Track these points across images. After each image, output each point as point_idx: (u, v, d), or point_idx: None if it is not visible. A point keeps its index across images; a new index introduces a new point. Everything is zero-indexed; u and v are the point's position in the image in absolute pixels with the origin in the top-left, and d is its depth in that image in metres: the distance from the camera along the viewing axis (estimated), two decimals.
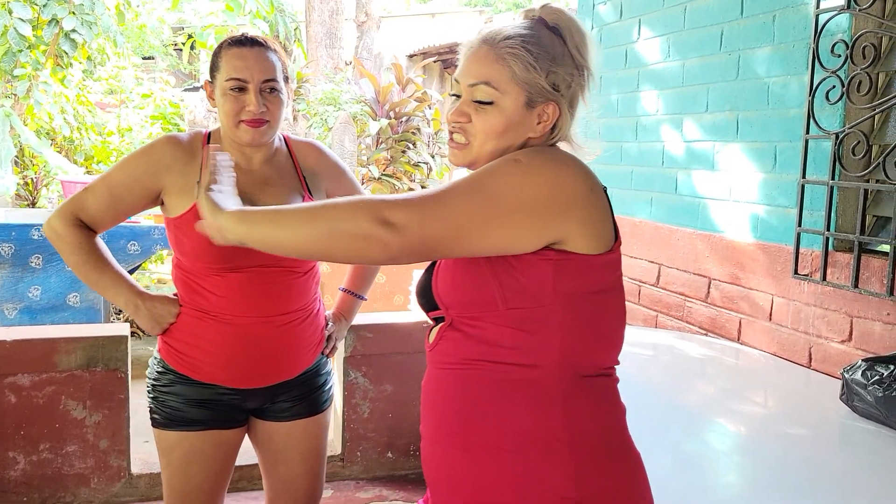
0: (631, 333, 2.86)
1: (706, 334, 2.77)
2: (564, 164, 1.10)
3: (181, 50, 11.42)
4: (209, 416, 1.72)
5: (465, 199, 1.03)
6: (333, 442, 3.22)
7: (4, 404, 2.73)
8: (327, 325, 1.89)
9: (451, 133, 1.17)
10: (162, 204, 1.71)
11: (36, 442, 2.79)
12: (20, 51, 4.56)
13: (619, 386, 1.21)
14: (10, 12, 4.52)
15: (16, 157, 5.04)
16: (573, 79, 1.14)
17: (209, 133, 1.75)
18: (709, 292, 2.77)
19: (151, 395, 1.76)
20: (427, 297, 1.19)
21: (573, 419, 1.09)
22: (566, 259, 1.08)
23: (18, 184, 4.68)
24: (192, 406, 1.71)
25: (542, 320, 1.08)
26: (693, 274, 2.85)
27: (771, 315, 2.48)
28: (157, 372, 1.76)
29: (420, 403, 1.23)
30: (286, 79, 1.70)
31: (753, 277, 2.55)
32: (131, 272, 4.25)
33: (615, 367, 1.19)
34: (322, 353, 1.87)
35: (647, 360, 2.61)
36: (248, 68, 1.62)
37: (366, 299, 2.03)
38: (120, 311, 5.50)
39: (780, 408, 2.13)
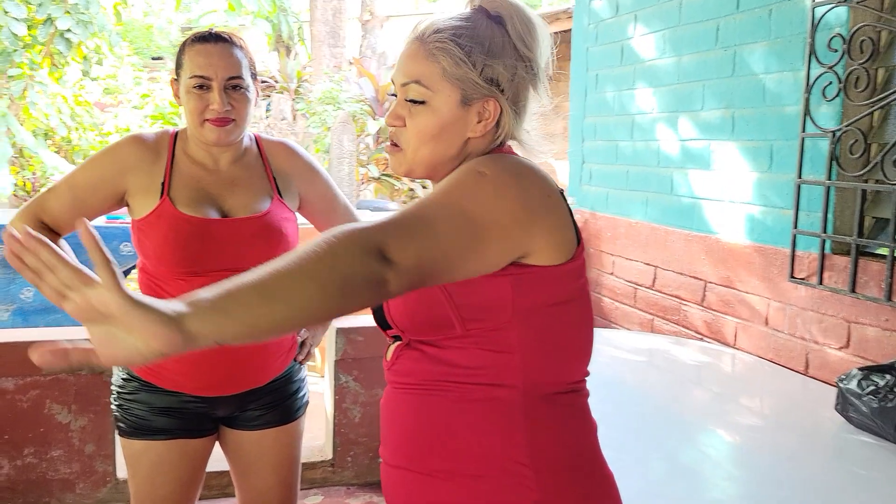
0: (626, 338, 2.84)
1: (702, 339, 2.71)
2: (526, 173, 1.02)
3: None
4: (175, 425, 1.66)
5: (448, 225, 0.92)
6: (324, 447, 3.17)
7: None
8: (300, 330, 1.83)
9: (389, 139, 1.10)
10: (127, 205, 1.66)
11: (20, 446, 2.75)
12: (15, 50, 4.54)
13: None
14: (6, 12, 4.51)
15: (13, 157, 5.02)
16: (515, 72, 1.05)
17: (176, 132, 1.70)
18: (704, 295, 2.70)
19: (116, 403, 1.70)
20: (380, 316, 1.12)
21: (538, 440, 1.02)
22: (527, 273, 1.00)
23: (15, 184, 4.66)
24: (158, 414, 1.66)
25: (502, 338, 1.01)
26: (689, 276, 2.78)
27: (767, 320, 2.41)
28: (121, 379, 1.71)
29: (380, 422, 1.17)
30: (254, 76, 1.65)
31: (749, 280, 2.48)
32: (126, 273, 4.21)
33: (584, 380, 1.12)
34: (295, 360, 1.81)
35: (642, 366, 2.56)
36: (212, 65, 1.56)
37: None
38: None
39: (774, 416, 2.10)
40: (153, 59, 12.90)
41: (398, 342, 1.10)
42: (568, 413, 1.07)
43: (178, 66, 1.61)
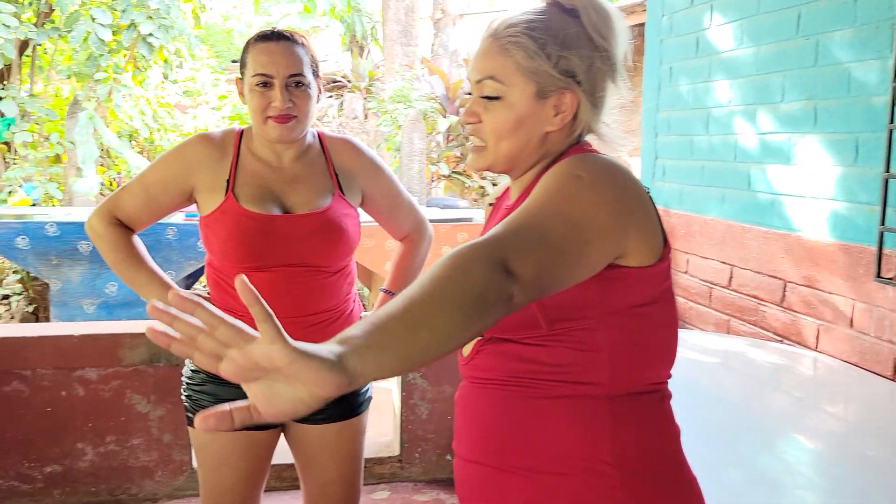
0: (701, 339, 2.75)
1: (781, 341, 2.62)
2: (620, 174, 0.99)
3: None
4: None
5: (559, 234, 0.91)
6: (392, 443, 3.20)
7: (74, 397, 2.83)
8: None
9: (467, 137, 1.09)
10: (196, 202, 1.70)
11: (103, 434, 2.87)
12: (101, 55, 4.75)
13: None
14: (93, 18, 4.72)
15: (99, 157, 5.26)
16: (592, 63, 1.03)
17: (242, 130, 1.73)
18: (784, 296, 2.60)
19: (185, 394, 1.76)
20: None
21: (622, 440, 1.00)
22: (618, 274, 0.98)
23: (101, 184, 4.88)
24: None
25: (588, 337, 1.00)
26: (767, 276, 2.69)
27: (852, 321, 2.30)
28: (190, 371, 1.76)
29: (454, 417, 1.16)
30: (315, 73, 1.67)
31: (832, 280, 2.38)
32: (199, 270, 4.35)
33: (667, 381, 1.09)
34: None
35: (717, 368, 2.48)
36: (274, 63, 1.59)
37: None
38: None
39: (860, 423, 2.02)
40: (233, 61, 13.28)
41: (477, 338, 1.08)
42: (652, 414, 1.05)
43: (242, 65, 1.65)
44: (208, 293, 1.75)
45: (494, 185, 6.17)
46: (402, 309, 0.79)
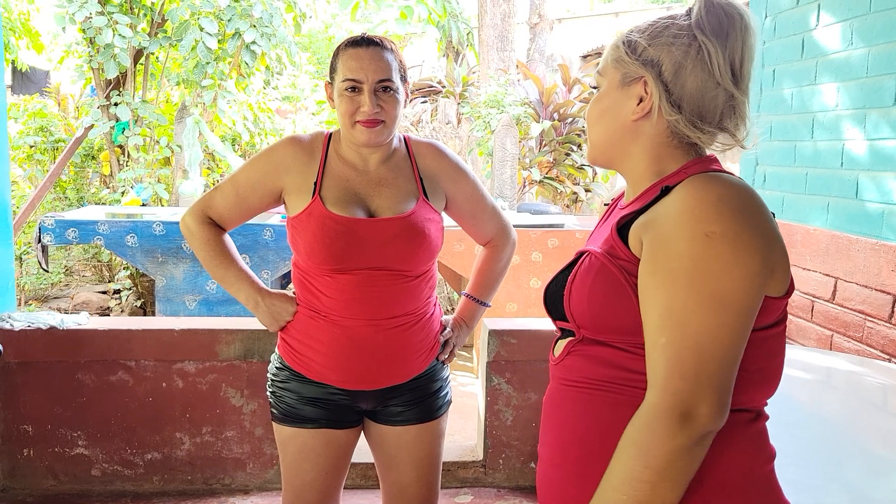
0: (801, 355, 2.62)
1: (889, 360, 2.45)
2: (749, 207, 0.95)
3: None
4: (321, 415, 1.73)
5: (716, 325, 0.91)
6: (476, 447, 3.19)
7: (173, 388, 2.96)
8: (444, 329, 1.85)
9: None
10: (284, 203, 1.75)
11: (200, 425, 2.99)
12: (207, 63, 4.98)
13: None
14: (201, 28, 4.95)
15: (203, 160, 5.50)
16: (684, 57, 1.01)
17: (330, 134, 1.77)
18: (893, 312, 2.44)
19: (270, 391, 1.81)
20: (557, 305, 1.10)
21: (717, 458, 0.96)
22: None
23: (205, 186, 5.10)
24: (306, 404, 1.74)
25: None
26: (875, 290, 2.53)
27: None
28: (275, 368, 1.81)
29: (541, 417, 1.15)
30: (404, 79, 1.68)
31: None
32: (286, 275, 4.47)
33: (766, 403, 1.04)
34: (437, 359, 1.82)
35: (819, 387, 2.35)
36: (363, 69, 1.62)
37: (489, 306, 1.97)
38: None
39: None
40: None
41: (569, 338, 1.07)
42: (747, 435, 1.01)
43: (333, 70, 1.68)
44: (293, 292, 1.80)
45: (587, 191, 6.07)
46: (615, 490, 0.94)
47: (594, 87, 1.11)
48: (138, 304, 5.49)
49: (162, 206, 5.31)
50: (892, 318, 2.46)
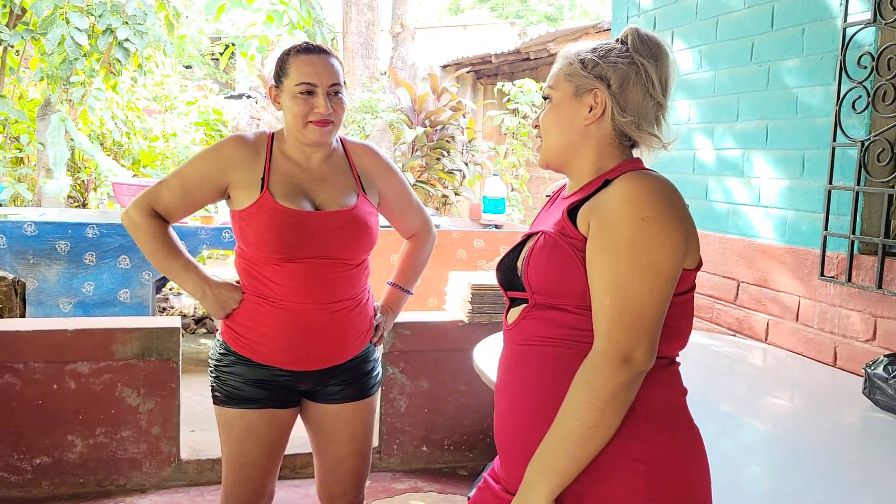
0: None
1: (734, 335, 2.85)
2: (673, 196, 1.20)
3: (217, 59, 11.68)
4: (266, 396, 1.84)
5: (649, 290, 1.15)
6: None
7: (65, 390, 2.89)
8: (376, 315, 2.01)
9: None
10: (228, 197, 1.85)
11: (93, 426, 2.94)
12: (76, 59, 4.79)
13: None
14: (68, 21, 4.76)
15: (68, 160, 5.27)
16: (627, 75, 1.25)
17: (273, 134, 1.89)
18: (737, 294, 2.85)
19: (213, 375, 1.89)
20: (510, 278, 1.32)
21: (645, 392, 1.20)
22: None
23: (70, 185, 4.89)
24: (251, 385, 1.84)
25: None
26: (722, 277, 2.93)
27: (798, 316, 2.56)
28: (219, 353, 1.89)
29: (497, 376, 1.36)
30: (344, 84, 1.84)
31: (781, 280, 2.63)
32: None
33: (678, 354, 1.32)
34: (370, 342, 1.99)
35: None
36: (318, 73, 1.76)
37: (412, 294, 2.15)
38: (164, 308, 5.69)
39: (805, 404, 2.19)
40: (186, 67, 13.19)
41: (522, 305, 1.29)
42: (666, 375, 1.26)
43: (283, 74, 1.79)
44: (237, 282, 1.90)
45: (457, 194, 6.37)
46: (561, 431, 1.17)
47: (546, 98, 1.33)
48: None
49: (23, 206, 5.04)
50: (737, 300, 2.87)
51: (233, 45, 7.89)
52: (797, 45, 2.57)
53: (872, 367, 1.96)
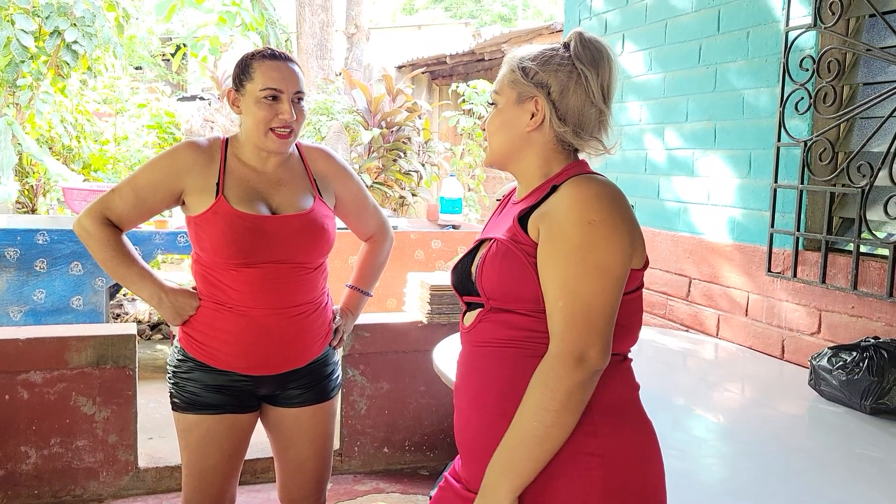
0: None
1: (687, 330, 2.93)
2: (617, 197, 1.24)
3: (169, 60, 11.51)
4: (225, 401, 1.83)
5: (601, 289, 1.18)
6: None
7: (17, 400, 2.83)
8: (335, 318, 2.02)
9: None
10: (183, 203, 1.83)
11: (47, 437, 2.88)
12: (23, 61, 4.67)
13: None
14: (13, 23, 4.64)
15: (16, 164, 5.14)
16: (567, 81, 1.28)
17: (227, 139, 1.88)
18: (689, 291, 2.92)
19: (172, 381, 1.87)
20: (464, 283, 1.34)
21: (600, 389, 1.23)
22: None
23: (18, 191, 4.78)
24: (210, 391, 1.82)
25: None
26: (675, 274, 3.01)
27: (747, 311, 2.63)
28: (177, 360, 1.87)
29: (455, 376, 1.38)
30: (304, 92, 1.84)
31: (730, 276, 2.71)
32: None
33: (629, 350, 1.35)
34: (329, 345, 1.99)
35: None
36: (284, 79, 1.75)
37: (371, 296, 2.16)
38: (118, 315, 5.59)
39: (754, 395, 2.27)
40: (135, 68, 12.96)
41: (478, 309, 1.32)
42: (621, 374, 1.29)
43: (245, 78, 1.77)
44: (194, 287, 1.89)
45: (414, 195, 6.39)
46: (521, 437, 1.20)
47: (492, 103, 1.36)
48: None
49: None
50: (689, 296, 2.95)
51: (184, 45, 7.78)
52: (742, 48, 2.65)
53: (817, 360, 2.04)
